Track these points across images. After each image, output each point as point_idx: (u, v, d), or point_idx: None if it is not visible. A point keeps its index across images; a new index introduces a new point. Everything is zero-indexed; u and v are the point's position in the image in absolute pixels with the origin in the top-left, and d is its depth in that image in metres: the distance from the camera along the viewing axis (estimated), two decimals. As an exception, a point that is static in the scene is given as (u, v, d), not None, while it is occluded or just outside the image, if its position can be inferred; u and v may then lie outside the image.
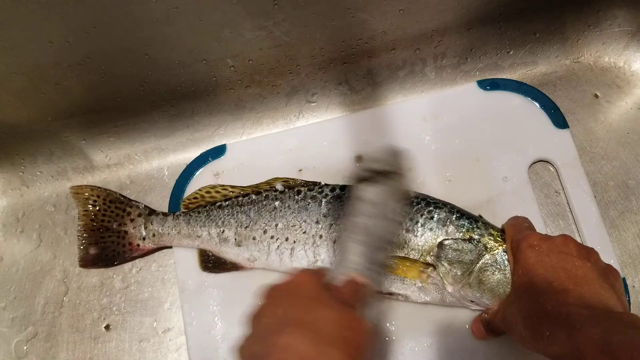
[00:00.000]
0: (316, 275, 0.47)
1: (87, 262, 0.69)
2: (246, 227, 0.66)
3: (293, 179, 0.69)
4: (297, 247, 0.63)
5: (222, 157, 0.74)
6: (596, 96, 0.76)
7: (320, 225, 0.63)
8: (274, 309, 0.44)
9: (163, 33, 0.63)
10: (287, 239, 0.64)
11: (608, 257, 0.64)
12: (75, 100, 0.70)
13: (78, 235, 0.69)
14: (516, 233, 0.56)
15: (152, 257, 0.72)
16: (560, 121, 0.71)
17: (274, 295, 0.45)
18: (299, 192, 0.66)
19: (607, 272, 0.50)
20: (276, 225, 0.65)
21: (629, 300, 0.63)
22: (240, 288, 0.66)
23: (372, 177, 0.59)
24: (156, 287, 0.71)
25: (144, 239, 0.69)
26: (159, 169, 0.79)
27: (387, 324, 0.62)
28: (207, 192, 0.70)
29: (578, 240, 0.60)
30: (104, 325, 0.70)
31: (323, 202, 0.64)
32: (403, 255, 0.60)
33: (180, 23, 0.62)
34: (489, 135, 0.71)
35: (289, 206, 0.65)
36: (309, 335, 0.39)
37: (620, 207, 0.68)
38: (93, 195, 0.70)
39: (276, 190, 0.67)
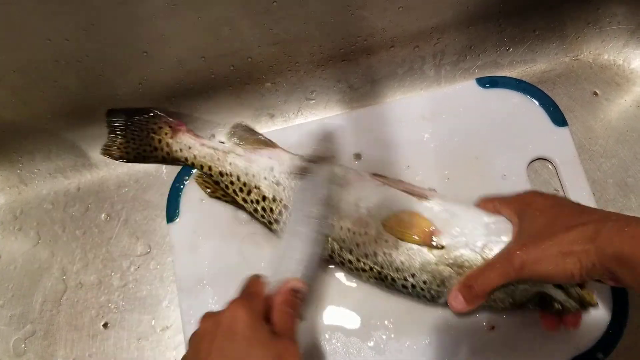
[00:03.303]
0: (250, 308, 0.47)
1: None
2: None
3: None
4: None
5: (220, 154, 0.74)
6: (595, 94, 0.76)
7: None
8: (209, 354, 0.44)
9: (162, 30, 0.63)
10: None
11: (607, 255, 0.63)
12: (73, 97, 0.70)
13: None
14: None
15: (150, 255, 0.72)
16: (559, 119, 0.71)
17: (209, 337, 0.45)
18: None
19: None
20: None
21: (627, 298, 0.63)
22: (237, 286, 0.66)
23: (305, 169, 0.63)
24: (154, 285, 0.71)
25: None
26: (157, 166, 0.79)
27: (386, 322, 0.62)
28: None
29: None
30: (102, 323, 0.70)
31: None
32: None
33: (179, 20, 0.62)
34: (487, 133, 0.71)
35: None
36: None
37: (619, 205, 0.68)
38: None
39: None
